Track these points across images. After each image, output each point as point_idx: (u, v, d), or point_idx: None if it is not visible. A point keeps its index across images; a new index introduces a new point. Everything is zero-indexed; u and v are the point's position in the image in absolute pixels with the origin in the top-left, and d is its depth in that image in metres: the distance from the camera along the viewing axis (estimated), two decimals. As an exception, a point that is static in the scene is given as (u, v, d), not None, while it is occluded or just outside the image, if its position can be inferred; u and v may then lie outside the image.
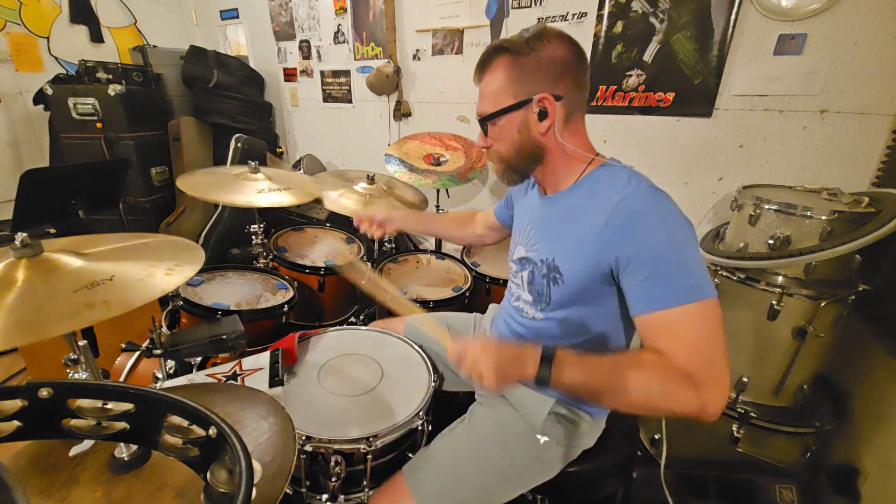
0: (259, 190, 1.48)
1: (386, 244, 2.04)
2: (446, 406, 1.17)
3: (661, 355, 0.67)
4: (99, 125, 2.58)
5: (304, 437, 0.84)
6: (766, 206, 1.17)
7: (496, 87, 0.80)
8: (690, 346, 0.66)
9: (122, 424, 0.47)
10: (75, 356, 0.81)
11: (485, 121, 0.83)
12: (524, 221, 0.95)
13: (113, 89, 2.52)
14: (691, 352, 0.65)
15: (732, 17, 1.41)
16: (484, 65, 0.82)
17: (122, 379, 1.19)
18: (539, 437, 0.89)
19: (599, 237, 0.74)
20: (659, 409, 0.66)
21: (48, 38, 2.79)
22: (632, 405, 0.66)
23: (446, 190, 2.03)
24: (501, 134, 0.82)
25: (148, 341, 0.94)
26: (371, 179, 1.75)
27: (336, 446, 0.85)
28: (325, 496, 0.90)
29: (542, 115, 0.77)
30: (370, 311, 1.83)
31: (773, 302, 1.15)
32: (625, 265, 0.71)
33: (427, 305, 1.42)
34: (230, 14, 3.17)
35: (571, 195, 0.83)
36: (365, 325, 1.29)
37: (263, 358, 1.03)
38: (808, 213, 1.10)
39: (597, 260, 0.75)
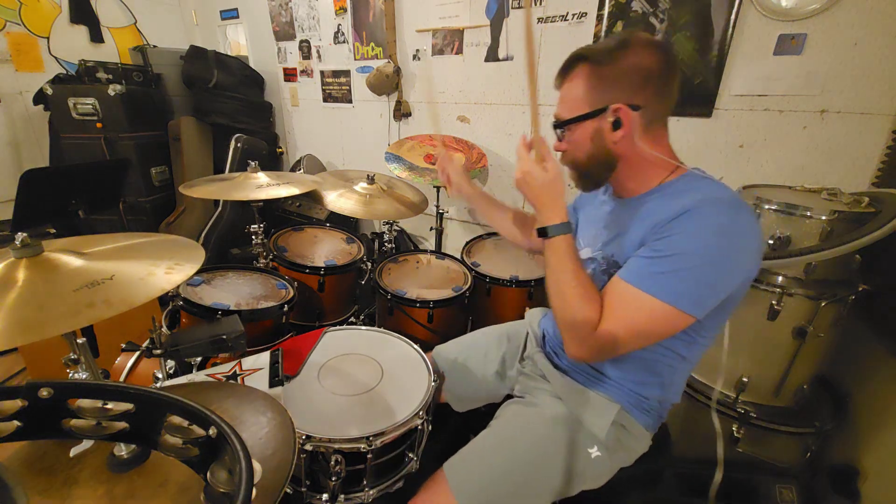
0: (258, 185, 1.49)
1: (386, 244, 2.04)
2: (445, 412, 1.17)
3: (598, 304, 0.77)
4: (99, 125, 2.58)
5: (304, 437, 0.84)
6: (766, 206, 1.17)
7: (574, 95, 0.80)
8: (619, 323, 0.74)
9: (122, 424, 0.47)
10: (75, 356, 0.81)
11: (558, 127, 0.84)
12: (592, 225, 0.96)
13: (113, 89, 2.52)
14: (613, 325, 0.74)
15: (732, 17, 1.41)
16: (565, 72, 0.83)
17: (122, 379, 1.19)
18: (590, 451, 0.88)
19: (655, 226, 0.75)
20: (562, 319, 0.79)
21: (48, 38, 2.79)
22: (556, 299, 0.79)
23: (446, 189, 2.03)
24: (576, 141, 0.83)
25: (148, 341, 0.94)
26: (371, 179, 1.75)
27: (336, 445, 0.85)
28: (325, 496, 0.90)
29: (617, 124, 0.77)
30: (370, 311, 1.83)
31: (773, 302, 1.15)
32: (650, 240, 0.74)
33: (427, 305, 1.42)
34: (230, 14, 3.17)
35: (648, 200, 0.82)
36: (365, 325, 1.29)
37: (263, 358, 1.03)
38: (808, 213, 1.10)
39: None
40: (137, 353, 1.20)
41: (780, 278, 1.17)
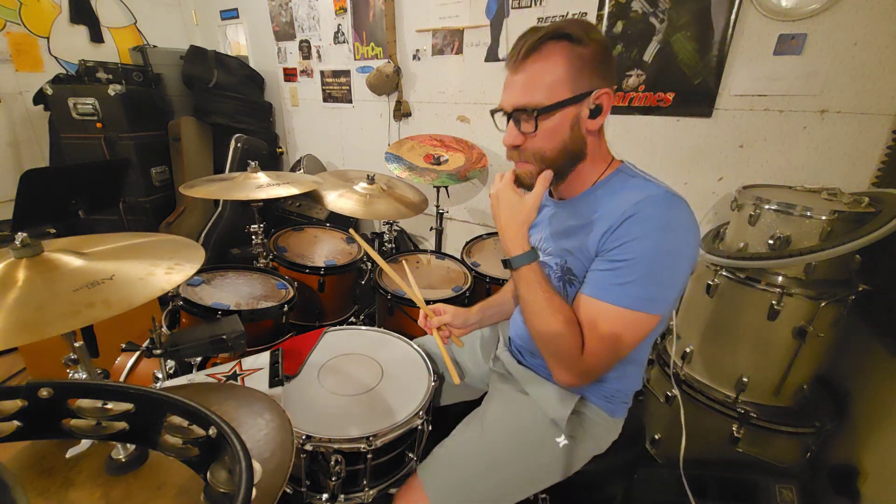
0: (258, 185, 1.49)
1: (386, 244, 2.04)
2: (444, 414, 1.17)
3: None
4: (99, 125, 2.58)
5: (304, 437, 0.84)
6: (766, 206, 1.17)
7: (552, 78, 0.71)
8: (598, 342, 0.74)
9: (122, 424, 0.47)
10: (75, 356, 0.81)
11: (540, 114, 0.72)
12: (535, 230, 0.95)
13: (113, 89, 2.52)
14: (594, 346, 0.74)
15: (732, 17, 1.41)
16: (534, 50, 0.72)
17: (122, 379, 1.19)
18: (558, 440, 0.88)
19: (604, 235, 0.75)
20: (545, 349, 0.79)
21: (48, 38, 2.79)
22: (534, 330, 0.79)
23: (446, 189, 2.03)
24: (549, 130, 0.74)
25: (148, 341, 0.94)
26: (371, 179, 1.75)
27: (336, 445, 0.85)
28: (325, 495, 0.90)
29: (597, 111, 0.73)
30: (370, 311, 1.83)
31: (773, 302, 1.15)
32: (605, 251, 0.74)
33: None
34: (230, 14, 3.17)
35: (586, 201, 0.82)
36: (365, 325, 1.29)
37: (263, 358, 1.03)
38: (808, 213, 1.10)
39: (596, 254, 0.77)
40: (137, 353, 1.20)
41: (780, 278, 1.17)
